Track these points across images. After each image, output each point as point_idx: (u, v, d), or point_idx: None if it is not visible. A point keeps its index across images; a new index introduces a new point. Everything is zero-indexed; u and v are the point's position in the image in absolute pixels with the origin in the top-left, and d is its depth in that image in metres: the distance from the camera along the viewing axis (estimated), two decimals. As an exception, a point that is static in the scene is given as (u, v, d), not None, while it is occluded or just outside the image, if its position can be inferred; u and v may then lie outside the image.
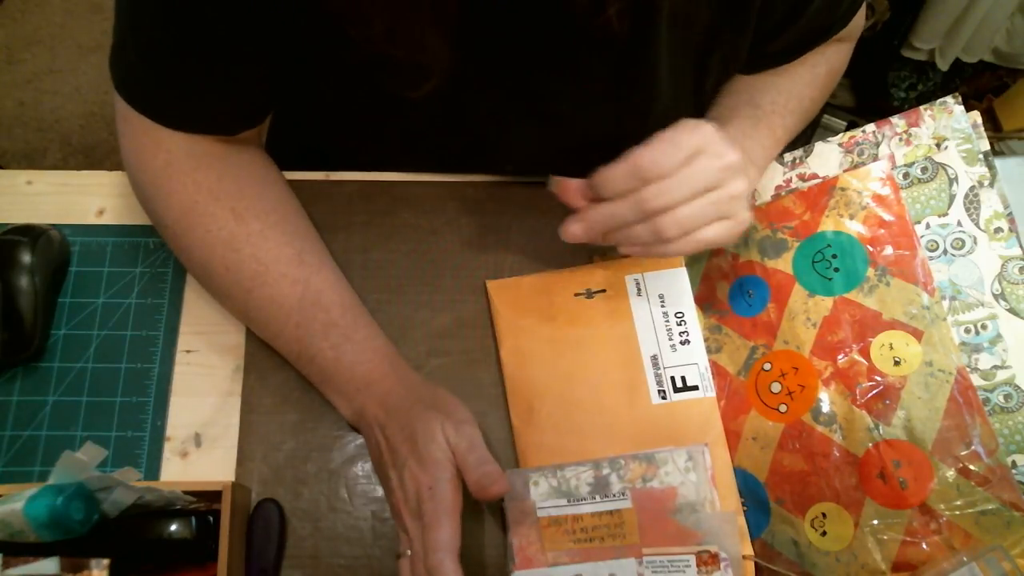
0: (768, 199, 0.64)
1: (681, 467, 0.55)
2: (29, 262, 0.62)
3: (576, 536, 0.56)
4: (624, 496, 0.56)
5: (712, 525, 0.53)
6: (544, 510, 0.57)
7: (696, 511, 0.54)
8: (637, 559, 0.54)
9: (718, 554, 0.52)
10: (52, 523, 0.48)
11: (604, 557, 0.54)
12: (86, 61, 1.75)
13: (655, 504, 0.55)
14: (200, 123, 0.56)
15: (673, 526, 0.54)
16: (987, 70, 1.46)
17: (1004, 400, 0.54)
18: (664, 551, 0.53)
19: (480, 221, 0.69)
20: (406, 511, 0.53)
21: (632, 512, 0.55)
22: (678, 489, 0.55)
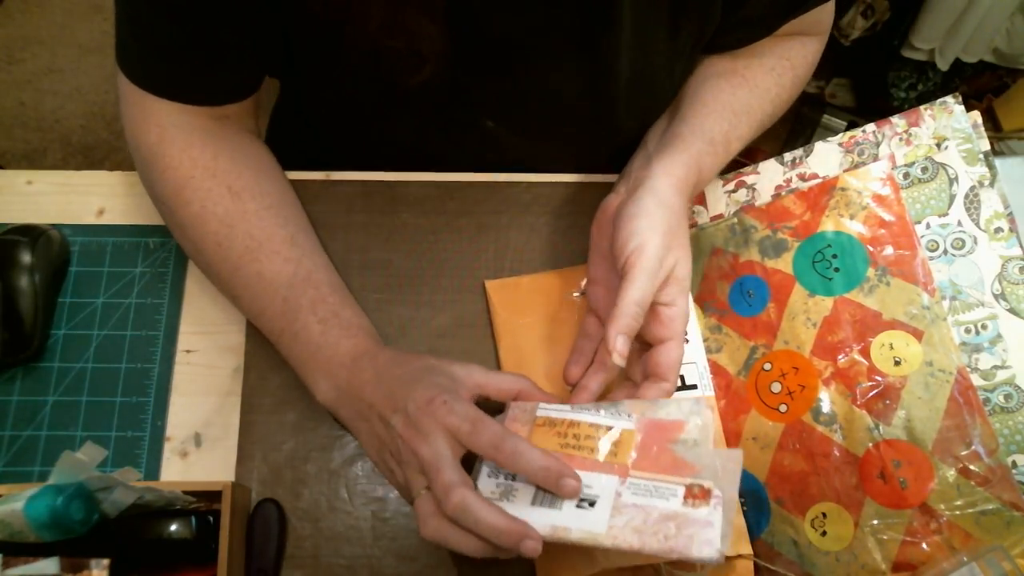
0: (768, 199, 0.64)
1: (685, 410, 0.53)
2: (29, 262, 0.62)
3: (566, 440, 0.52)
4: (630, 418, 0.52)
5: (712, 462, 0.50)
6: (544, 411, 0.54)
7: (698, 446, 0.51)
8: (621, 478, 0.50)
9: (711, 490, 0.48)
10: (52, 523, 0.48)
11: (586, 468, 0.50)
12: (86, 61, 1.75)
13: (660, 433, 0.52)
14: (184, 91, 0.57)
15: (670, 456, 0.51)
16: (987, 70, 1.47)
17: (1004, 400, 0.54)
18: (652, 476, 0.50)
19: (480, 221, 0.69)
20: (420, 441, 0.49)
21: (632, 434, 0.52)
22: (687, 423, 0.52)
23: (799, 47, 0.66)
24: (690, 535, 0.46)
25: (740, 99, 0.62)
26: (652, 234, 0.53)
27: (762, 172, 0.65)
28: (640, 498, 0.49)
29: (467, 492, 0.46)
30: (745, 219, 0.64)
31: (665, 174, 0.56)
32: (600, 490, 0.49)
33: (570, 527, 0.48)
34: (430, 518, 0.48)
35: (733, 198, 0.66)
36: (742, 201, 0.65)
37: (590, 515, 0.48)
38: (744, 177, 0.66)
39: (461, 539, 0.47)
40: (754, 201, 0.65)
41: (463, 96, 0.61)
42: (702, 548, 0.45)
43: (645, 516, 0.48)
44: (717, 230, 0.65)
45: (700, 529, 0.46)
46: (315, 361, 0.57)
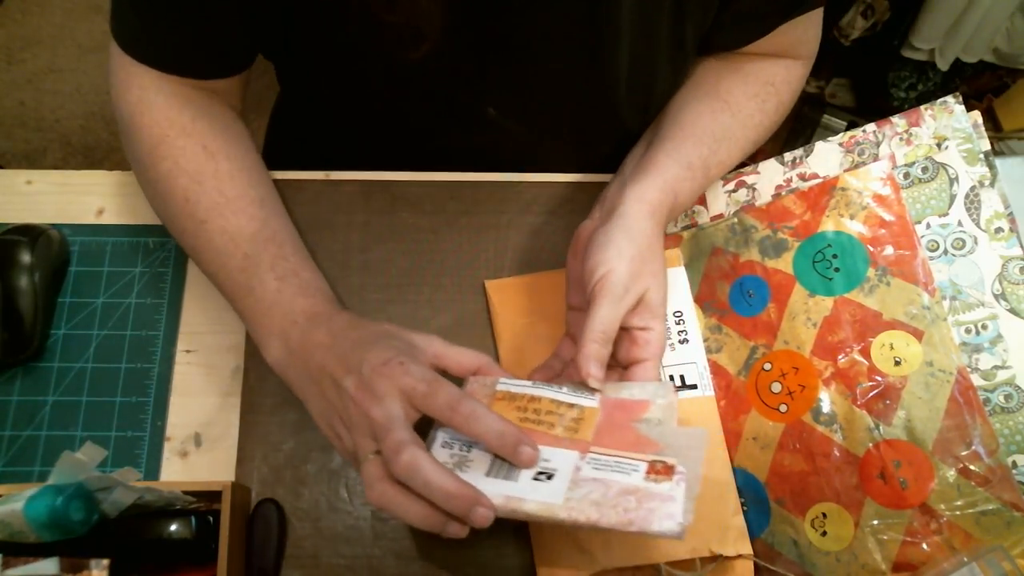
0: (768, 199, 0.64)
1: (650, 391, 0.52)
2: (29, 262, 0.62)
3: (526, 415, 0.51)
4: (592, 397, 0.52)
5: (677, 440, 0.49)
6: (505, 385, 0.53)
7: (662, 424, 0.50)
8: (581, 453, 0.49)
9: (674, 466, 0.46)
10: (52, 523, 0.48)
11: (544, 443, 0.49)
12: (86, 61, 1.74)
13: (623, 412, 0.51)
14: (172, 63, 0.58)
15: (633, 434, 0.50)
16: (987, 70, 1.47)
17: (1005, 400, 0.54)
18: (614, 452, 0.48)
19: (480, 221, 0.69)
20: (373, 403, 0.47)
21: (595, 412, 0.51)
22: (652, 403, 0.51)
23: (784, 72, 0.65)
24: (651, 508, 0.45)
25: (721, 124, 0.62)
26: (618, 262, 0.53)
27: (762, 172, 0.65)
28: (600, 472, 0.47)
29: (418, 451, 0.44)
30: (745, 219, 0.64)
31: (637, 200, 0.56)
32: (559, 464, 0.48)
33: (525, 498, 0.46)
34: (377, 482, 0.46)
35: (733, 198, 0.66)
36: (742, 201, 0.65)
37: (547, 487, 0.47)
38: (744, 177, 0.66)
39: (409, 505, 0.45)
40: (754, 201, 0.65)
41: (466, 83, 0.61)
42: (663, 522, 0.44)
43: (605, 489, 0.46)
44: (717, 230, 0.65)
45: (662, 503, 0.45)
46: (269, 318, 0.55)
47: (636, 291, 0.53)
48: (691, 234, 0.66)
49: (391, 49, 0.52)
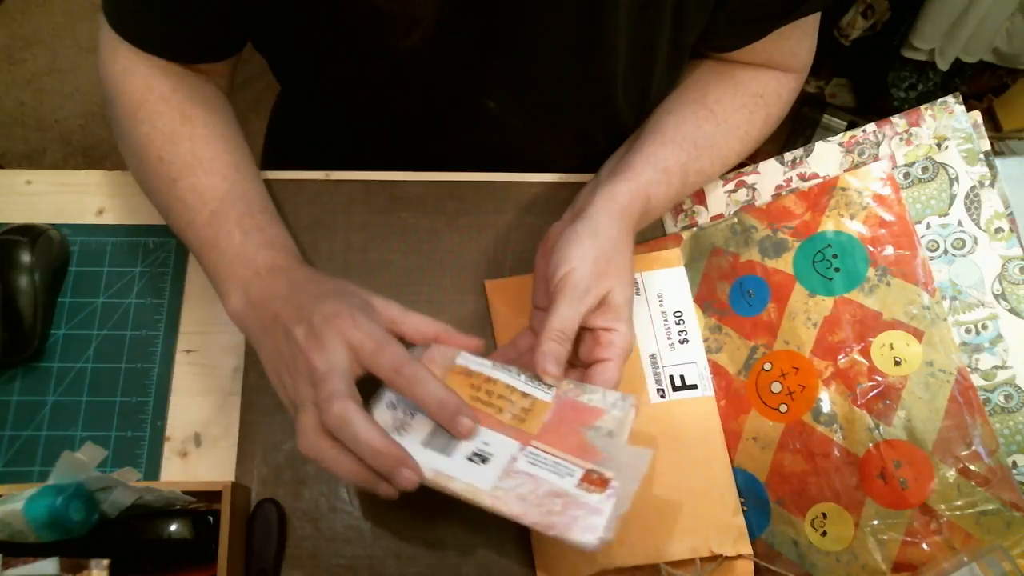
0: (768, 199, 0.64)
1: (609, 401, 0.51)
2: (29, 262, 0.62)
3: (478, 394, 0.51)
4: (548, 391, 0.51)
5: (621, 455, 0.48)
6: (465, 360, 0.52)
7: (612, 437, 0.49)
8: (521, 444, 0.48)
9: (610, 480, 0.46)
10: (52, 523, 0.48)
11: (488, 425, 0.49)
12: (86, 61, 1.74)
13: (575, 412, 0.51)
14: (157, 45, 0.58)
15: (578, 438, 0.49)
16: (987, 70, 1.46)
17: (1005, 400, 0.54)
18: (554, 452, 0.48)
19: (480, 221, 0.69)
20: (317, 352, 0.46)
21: (546, 407, 0.51)
22: (605, 412, 0.50)
23: (775, 84, 0.65)
24: (575, 516, 0.44)
25: (704, 132, 0.62)
26: (581, 262, 0.53)
27: (762, 172, 0.65)
28: (535, 468, 0.47)
29: (351, 404, 0.44)
30: (745, 219, 0.64)
31: (607, 200, 0.56)
32: (497, 450, 0.48)
33: (455, 476, 0.46)
34: (309, 431, 0.45)
35: (733, 198, 0.66)
36: (742, 201, 0.65)
37: (479, 470, 0.46)
38: (744, 177, 0.66)
39: (337, 458, 0.45)
40: (754, 201, 0.65)
41: (466, 77, 0.61)
42: (583, 532, 0.43)
43: (534, 487, 0.46)
44: (717, 230, 0.65)
45: (587, 514, 0.44)
46: (230, 269, 0.54)
47: (598, 291, 0.53)
48: (691, 234, 0.66)
49: (384, 37, 0.52)
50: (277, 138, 0.91)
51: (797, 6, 0.59)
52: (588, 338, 0.54)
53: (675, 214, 0.68)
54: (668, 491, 0.58)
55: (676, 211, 0.68)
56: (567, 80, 0.62)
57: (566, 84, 0.63)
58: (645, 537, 0.57)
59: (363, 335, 0.46)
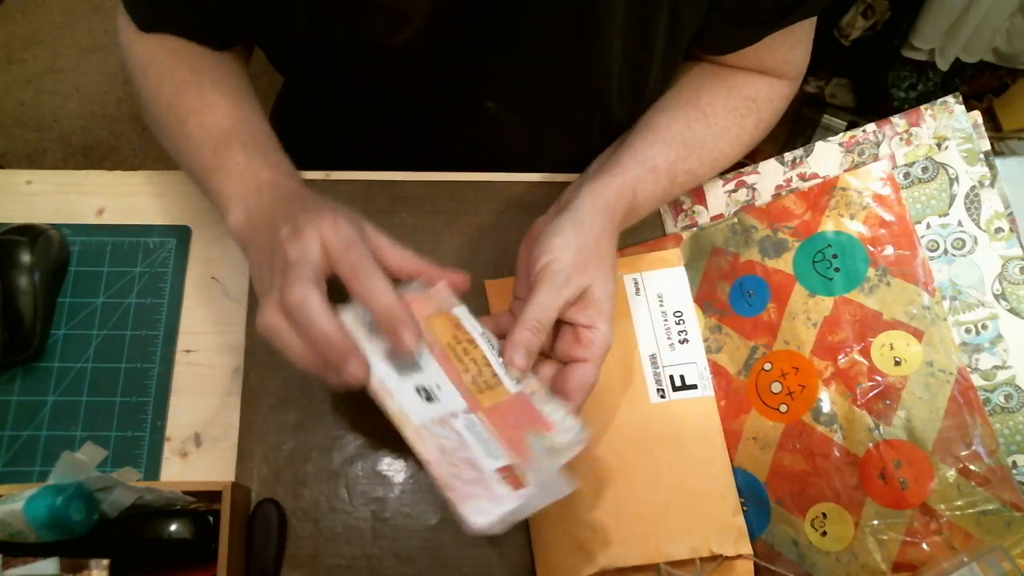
0: (768, 199, 0.64)
1: (566, 425, 0.50)
2: (29, 262, 0.62)
3: (456, 345, 0.51)
4: (518, 384, 0.51)
5: (546, 476, 0.47)
6: (461, 314, 0.52)
7: (552, 454, 0.48)
8: (468, 411, 0.48)
9: (524, 485, 0.45)
10: (52, 523, 0.48)
11: (450, 375, 0.49)
12: (86, 61, 1.74)
13: (528, 414, 0.50)
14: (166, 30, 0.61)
15: (520, 437, 0.48)
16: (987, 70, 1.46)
17: (1005, 400, 0.54)
18: (493, 433, 0.47)
19: (480, 221, 0.69)
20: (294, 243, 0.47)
21: (505, 393, 0.50)
22: (556, 429, 0.49)
23: (767, 89, 0.65)
24: (475, 493, 0.44)
25: (695, 133, 0.61)
26: (563, 252, 0.52)
27: (762, 172, 0.65)
28: (468, 434, 0.47)
29: (312, 290, 0.44)
30: (745, 219, 0.64)
31: (592, 195, 0.56)
32: (444, 398, 0.48)
33: (395, 396, 0.46)
34: (268, 310, 0.46)
35: (733, 198, 0.66)
36: (742, 201, 0.65)
37: (418, 404, 0.47)
38: (744, 177, 0.66)
39: (290, 340, 0.45)
40: (754, 201, 0.65)
41: (465, 75, 0.62)
42: (474, 512, 0.43)
43: (458, 448, 0.46)
44: (717, 230, 0.65)
45: (488, 499, 0.44)
46: (234, 187, 0.55)
47: (579, 283, 0.52)
48: (691, 234, 0.66)
49: (377, 30, 0.52)
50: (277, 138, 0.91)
51: (790, 12, 0.59)
52: (568, 333, 0.53)
53: (675, 214, 0.68)
54: (668, 491, 0.58)
55: (676, 211, 0.68)
56: (563, 79, 0.62)
57: (562, 83, 0.63)
58: (645, 537, 0.57)
59: (336, 234, 0.46)
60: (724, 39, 0.62)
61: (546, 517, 0.59)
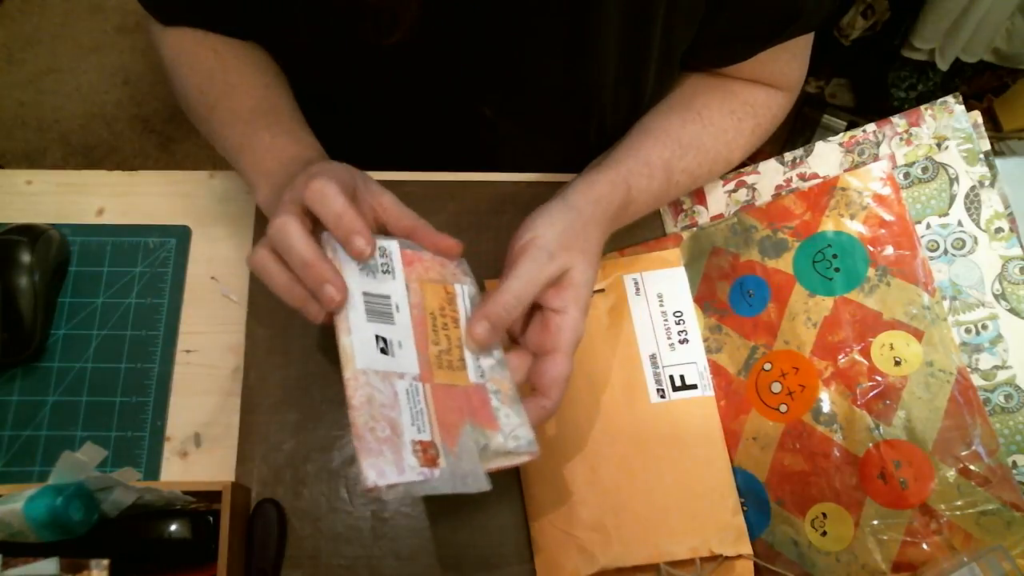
0: (768, 199, 0.64)
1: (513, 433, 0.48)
2: (29, 262, 0.62)
3: (439, 319, 0.50)
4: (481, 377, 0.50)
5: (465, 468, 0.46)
6: (462, 291, 0.52)
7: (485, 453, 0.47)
8: (417, 379, 0.47)
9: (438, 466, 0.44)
10: (52, 523, 0.48)
11: (417, 341, 0.49)
12: (86, 61, 1.75)
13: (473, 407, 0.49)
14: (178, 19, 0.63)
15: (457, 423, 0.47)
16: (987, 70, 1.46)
17: (1005, 400, 0.54)
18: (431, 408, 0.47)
19: (480, 221, 0.69)
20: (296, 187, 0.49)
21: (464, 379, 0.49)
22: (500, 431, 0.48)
23: (764, 97, 0.65)
24: (382, 452, 0.43)
25: (689, 132, 0.62)
26: (547, 229, 0.51)
27: (762, 172, 0.65)
28: (404, 398, 0.46)
29: (293, 220, 0.46)
30: (745, 219, 0.64)
31: (585, 183, 0.56)
32: (400, 358, 0.47)
33: (353, 334, 0.46)
34: (259, 248, 0.48)
35: (733, 198, 0.66)
36: (742, 201, 0.65)
37: (370, 352, 0.46)
38: (744, 177, 0.66)
39: (275, 273, 0.47)
40: (754, 201, 0.65)
41: (460, 81, 0.62)
42: (370, 468, 0.42)
43: (387, 405, 0.45)
44: (717, 230, 0.65)
45: (390, 463, 0.43)
46: (261, 164, 0.57)
47: (561, 262, 0.51)
48: (691, 234, 0.66)
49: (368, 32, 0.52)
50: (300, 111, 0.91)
51: (784, 28, 0.58)
52: (537, 319, 0.52)
53: (675, 214, 0.68)
54: (668, 491, 0.58)
55: (676, 211, 0.68)
56: (559, 87, 0.62)
57: (558, 90, 0.63)
58: (645, 537, 0.57)
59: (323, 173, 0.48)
60: (718, 53, 0.62)
61: (546, 517, 0.59)
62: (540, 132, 0.69)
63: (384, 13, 0.49)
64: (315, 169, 0.50)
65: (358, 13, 0.50)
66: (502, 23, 0.56)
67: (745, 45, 0.60)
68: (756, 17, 0.57)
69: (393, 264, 0.51)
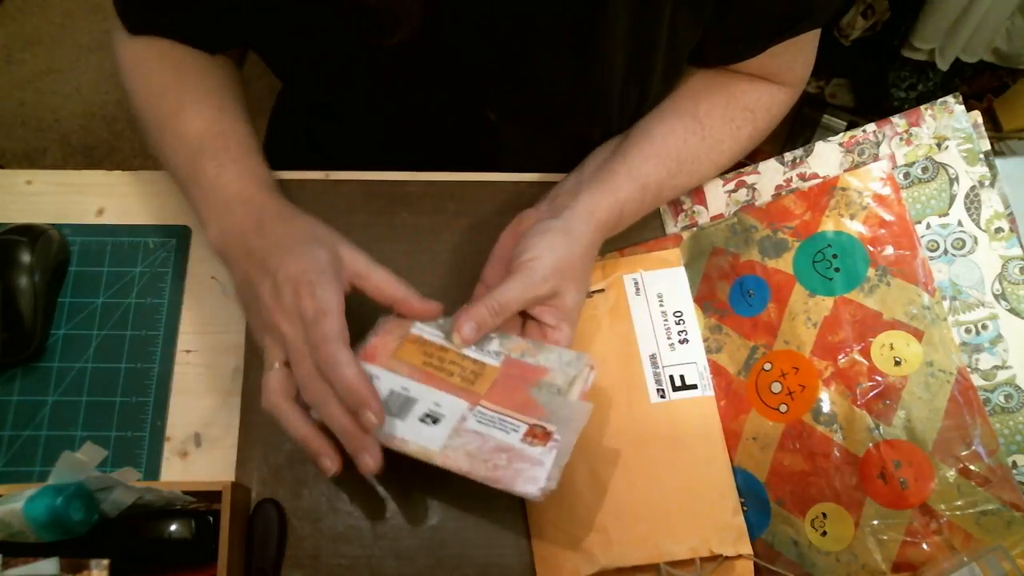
0: (768, 199, 0.64)
1: (565, 360, 0.54)
2: (29, 262, 0.62)
3: (430, 360, 0.53)
4: (497, 356, 0.54)
5: (562, 411, 0.50)
6: (419, 330, 0.55)
7: (555, 393, 0.52)
8: (471, 404, 0.51)
9: (552, 433, 0.49)
10: (52, 523, 0.48)
11: (440, 387, 0.52)
12: (86, 61, 1.74)
13: (521, 373, 0.53)
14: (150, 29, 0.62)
15: (524, 396, 0.52)
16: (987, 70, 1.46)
17: (1005, 400, 0.54)
18: (500, 410, 0.51)
19: (480, 221, 0.69)
20: (280, 315, 0.50)
21: (494, 370, 0.53)
22: (550, 370, 0.53)
23: (767, 99, 0.65)
24: (518, 469, 0.47)
25: (690, 148, 0.63)
26: (547, 253, 0.54)
27: (762, 172, 0.65)
28: (482, 426, 0.50)
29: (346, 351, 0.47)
30: (745, 219, 0.64)
31: (588, 211, 0.58)
32: (447, 411, 0.51)
33: (408, 440, 0.49)
34: (273, 394, 0.50)
35: (733, 198, 0.66)
36: (742, 201, 0.65)
37: (430, 431, 0.49)
38: (744, 177, 0.66)
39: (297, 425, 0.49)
40: (754, 201, 0.65)
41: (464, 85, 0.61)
42: (526, 484, 0.46)
43: (481, 443, 0.48)
44: (717, 230, 0.65)
45: (529, 466, 0.47)
46: (207, 202, 0.57)
47: (553, 287, 0.55)
48: (691, 234, 0.66)
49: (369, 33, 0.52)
50: (277, 138, 0.91)
51: (793, 25, 0.59)
52: (535, 332, 0.56)
53: (675, 214, 0.68)
54: (668, 491, 0.58)
55: (676, 211, 0.68)
56: (564, 90, 0.62)
57: (563, 94, 0.63)
58: (645, 537, 0.57)
59: (309, 303, 0.49)
60: (726, 50, 0.62)
61: (546, 517, 0.59)
62: (543, 134, 0.69)
63: (385, 13, 0.49)
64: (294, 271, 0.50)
65: (359, 13, 0.51)
66: (507, 24, 0.56)
67: (753, 42, 0.61)
68: (766, 14, 0.58)
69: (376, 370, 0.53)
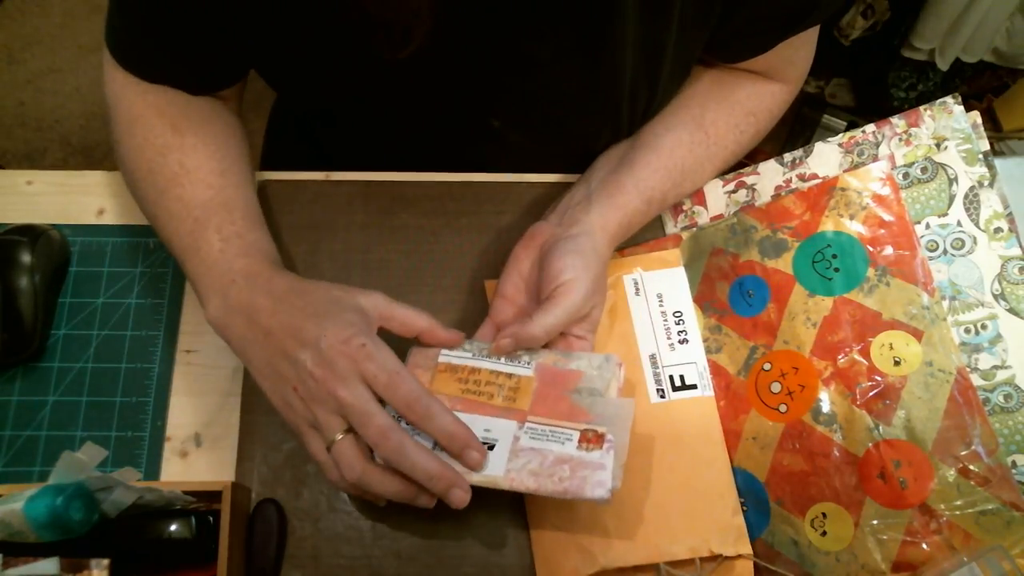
0: (768, 199, 0.64)
1: (595, 364, 0.55)
2: (29, 262, 0.62)
3: (467, 387, 0.54)
4: (528, 366, 0.55)
5: (607, 410, 0.52)
6: (446, 357, 0.56)
7: (594, 395, 0.53)
8: (519, 423, 0.52)
9: (604, 435, 0.50)
10: (52, 523, 0.48)
11: (485, 413, 0.53)
12: (86, 61, 1.74)
13: (557, 380, 0.54)
14: (156, 78, 0.60)
15: (567, 404, 0.53)
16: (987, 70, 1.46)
17: (1004, 400, 0.54)
18: (549, 422, 0.52)
19: (480, 221, 0.69)
20: (336, 382, 0.48)
21: (531, 380, 0.54)
22: (584, 373, 0.54)
23: (769, 100, 0.66)
24: (583, 477, 0.48)
25: (696, 158, 0.64)
26: (585, 275, 0.56)
27: (762, 172, 0.65)
28: (537, 442, 0.51)
29: (405, 436, 0.48)
30: (745, 219, 0.64)
31: (602, 228, 0.60)
32: (499, 434, 0.52)
33: (473, 472, 0.50)
34: (355, 462, 0.49)
35: (733, 198, 0.66)
36: (742, 201, 0.65)
37: (489, 458, 0.50)
38: (744, 177, 0.66)
39: (388, 483, 0.49)
40: (754, 201, 0.65)
41: (470, 94, 0.61)
42: (595, 489, 0.48)
43: (541, 459, 0.50)
44: (717, 230, 0.65)
45: (593, 471, 0.49)
46: (209, 277, 0.55)
47: (589, 306, 0.57)
48: (691, 234, 0.66)
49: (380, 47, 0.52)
50: (277, 138, 0.91)
51: (799, 22, 0.59)
52: (561, 342, 0.58)
53: (675, 214, 0.68)
54: (668, 491, 0.58)
55: (676, 211, 0.68)
56: (572, 98, 0.62)
57: (572, 102, 0.63)
58: (645, 537, 0.57)
59: (376, 368, 0.49)
60: (733, 49, 0.63)
61: (546, 517, 0.59)
62: (548, 141, 0.69)
63: (396, 27, 0.49)
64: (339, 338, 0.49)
65: (370, 27, 0.50)
66: (516, 34, 0.56)
67: (760, 40, 0.61)
68: (774, 11, 0.58)
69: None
